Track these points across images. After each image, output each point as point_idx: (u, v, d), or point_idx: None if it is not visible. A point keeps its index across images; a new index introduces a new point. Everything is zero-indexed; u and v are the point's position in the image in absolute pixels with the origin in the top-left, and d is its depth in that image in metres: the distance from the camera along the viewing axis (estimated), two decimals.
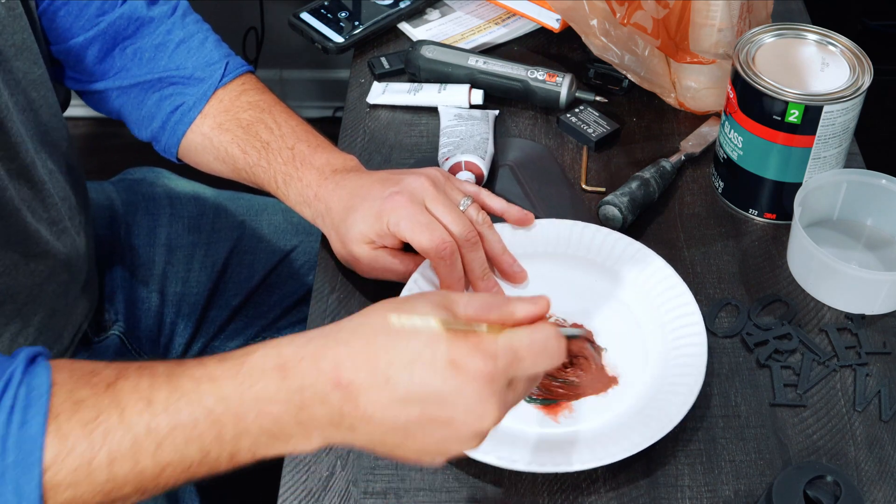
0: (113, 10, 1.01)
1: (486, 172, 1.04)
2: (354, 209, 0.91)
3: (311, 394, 0.65)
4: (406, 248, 0.92)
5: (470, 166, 1.03)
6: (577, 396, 0.86)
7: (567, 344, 0.71)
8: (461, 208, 0.91)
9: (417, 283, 0.91)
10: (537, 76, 1.12)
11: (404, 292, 0.90)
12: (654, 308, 0.91)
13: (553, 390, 0.86)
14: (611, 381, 0.87)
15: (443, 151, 1.06)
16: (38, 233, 0.94)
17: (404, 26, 1.24)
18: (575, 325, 0.90)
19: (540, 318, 0.69)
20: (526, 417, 0.84)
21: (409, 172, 0.93)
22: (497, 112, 1.13)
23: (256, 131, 1.00)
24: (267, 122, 1.00)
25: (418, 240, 0.88)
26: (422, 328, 0.63)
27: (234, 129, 1.01)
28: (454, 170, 1.03)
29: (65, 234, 0.99)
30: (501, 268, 0.93)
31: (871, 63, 0.98)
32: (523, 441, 0.82)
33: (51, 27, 1.01)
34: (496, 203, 0.95)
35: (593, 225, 0.97)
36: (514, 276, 0.93)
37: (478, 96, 1.13)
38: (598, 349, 0.89)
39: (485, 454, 0.79)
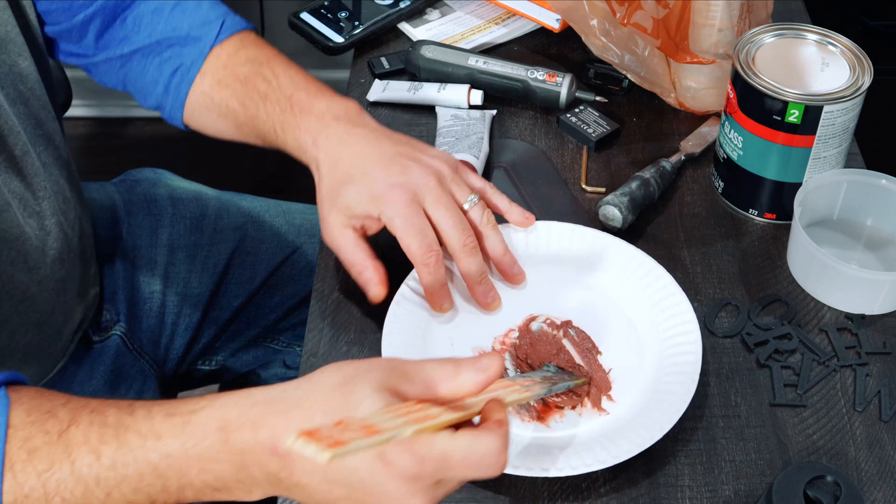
0: None
1: (480, 172, 1.04)
2: (352, 180, 0.89)
3: (250, 458, 0.67)
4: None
5: (465, 166, 1.03)
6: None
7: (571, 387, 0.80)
8: (466, 206, 0.90)
9: (404, 295, 0.91)
10: (537, 76, 1.12)
11: (393, 305, 0.89)
12: (648, 309, 0.91)
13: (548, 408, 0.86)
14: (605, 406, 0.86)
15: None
16: (28, 227, 0.94)
17: (404, 26, 1.24)
18: (577, 369, 0.88)
19: (489, 384, 0.68)
20: (519, 420, 0.85)
21: (418, 159, 0.90)
22: (494, 112, 1.13)
23: (254, 84, 0.99)
24: (265, 75, 0.99)
25: (407, 242, 0.87)
26: (308, 457, 0.59)
27: (233, 84, 1.00)
28: None
29: (58, 230, 0.98)
30: (502, 269, 0.93)
31: (871, 63, 0.98)
32: (517, 442, 0.82)
33: (49, 9, 1.00)
34: (501, 202, 0.94)
35: (588, 228, 0.96)
36: (513, 277, 0.93)
37: (477, 97, 1.13)
38: (602, 386, 0.87)
39: None
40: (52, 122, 1.00)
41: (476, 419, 0.69)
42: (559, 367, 0.87)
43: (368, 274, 0.89)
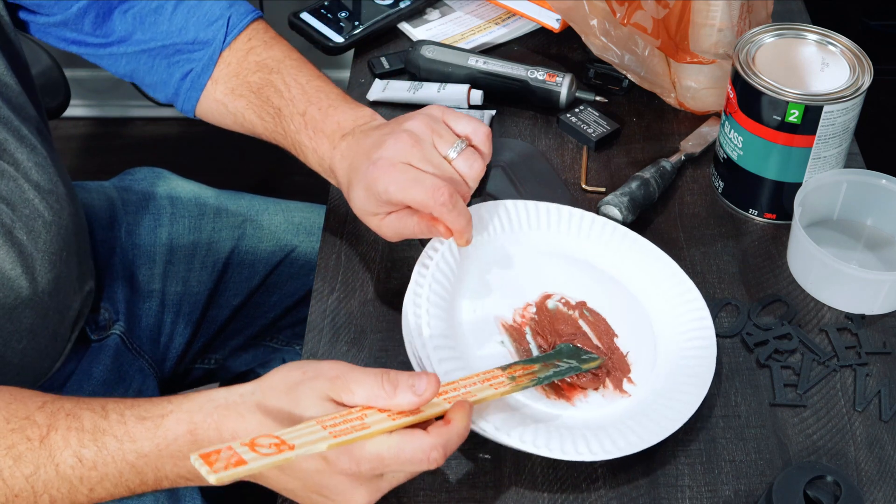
0: None
1: None
2: (351, 185, 0.90)
3: (218, 442, 0.73)
4: None
5: None
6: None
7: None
8: (453, 154, 0.88)
9: (429, 261, 0.88)
10: (537, 76, 1.12)
11: (414, 273, 0.87)
12: (659, 296, 0.93)
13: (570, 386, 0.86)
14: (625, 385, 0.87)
15: None
16: (11, 224, 0.92)
17: (404, 26, 1.24)
18: (597, 349, 0.89)
19: (422, 404, 0.72)
20: (535, 396, 0.84)
21: (395, 131, 0.88)
22: (494, 112, 1.13)
23: (267, 96, 0.98)
24: (276, 85, 0.98)
25: (412, 197, 0.85)
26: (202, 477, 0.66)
27: (247, 94, 1.00)
28: None
29: (47, 228, 0.96)
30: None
31: (871, 63, 0.98)
32: (530, 420, 0.82)
33: (41, 1, 1.00)
34: (486, 148, 0.91)
35: (598, 216, 0.97)
36: (458, 230, 0.88)
37: (477, 97, 1.13)
38: (622, 369, 0.88)
39: (493, 430, 0.79)
40: (33, 118, 0.99)
41: None
42: (576, 347, 0.87)
43: (435, 229, 0.87)
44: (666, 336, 0.90)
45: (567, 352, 0.87)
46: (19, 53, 1.01)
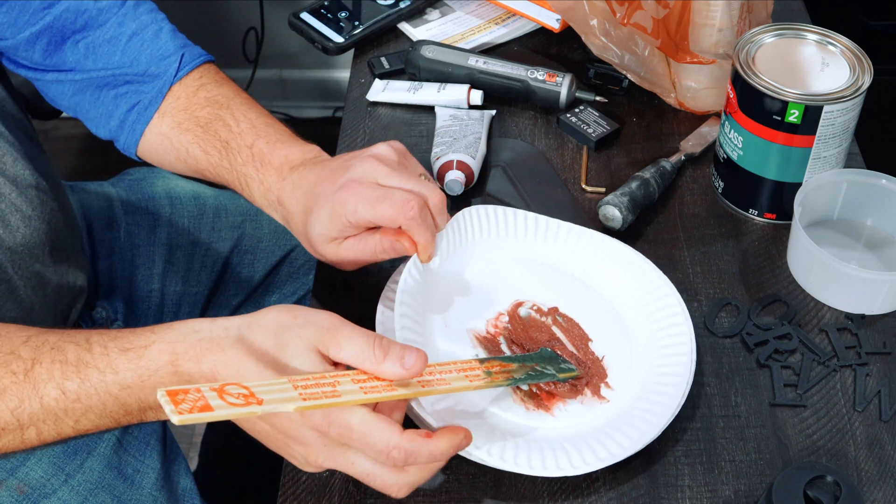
0: (58, 2, 0.98)
1: (476, 172, 1.04)
2: (311, 211, 0.88)
3: (198, 377, 0.73)
4: None
5: (461, 166, 1.03)
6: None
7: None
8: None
9: (396, 282, 0.87)
10: (537, 76, 1.12)
11: (382, 297, 0.88)
12: (630, 295, 0.92)
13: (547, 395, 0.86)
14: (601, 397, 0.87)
15: (435, 151, 1.06)
16: None
17: (404, 26, 1.24)
18: (573, 357, 0.88)
19: (408, 378, 0.72)
20: (514, 410, 0.84)
21: (358, 156, 0.88)
22: (493, 112, 1.13)
23: (215, 129, 0.97)
24: (225, 119, 0.97)
25: (381, 213, 0.84)
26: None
27: (194, 129, 0.98)
28: (445, 168, 1.03)
29: (25, 223, 0.95)
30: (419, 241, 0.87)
31: (871, 63, 0.98)
32: (509, 435, 0.82)
33: None
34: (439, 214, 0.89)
35: (578, 226, 0.96)
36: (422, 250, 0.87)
37: (477, 97, 1.13)
38: (598, 374, 0.88)
39: (473, 449, 0.79)
40: (11, 115, 0.98)
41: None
42: (555, 353, 0.87)
43: (399, 245, 0.86)
44: (640, 335, 0.90)
45: (546, 356, 0.86)
46: None
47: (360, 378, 0.71)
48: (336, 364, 0.73)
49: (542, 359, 0.86)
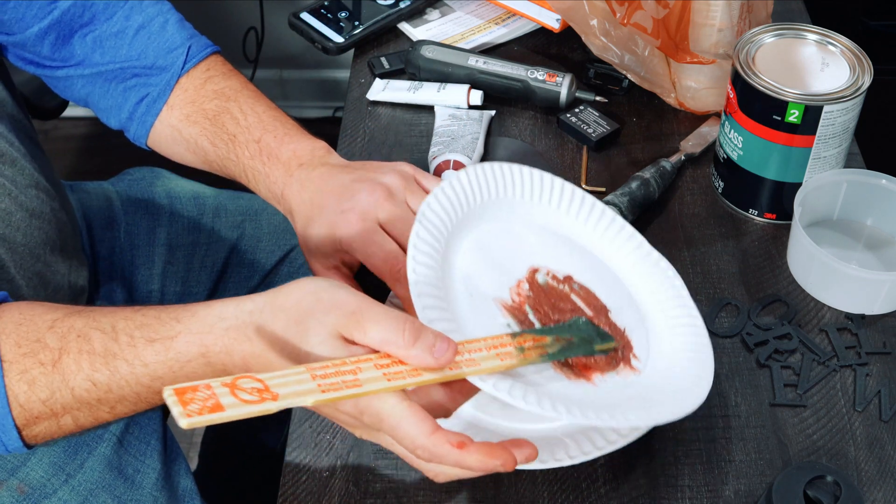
0: None
1: None
2: (313, 221, 0.89)
3: (231, 373, 0.71)
4: None
5: (458, 166, 1.03)
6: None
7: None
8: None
9: (417, 248, 0.80)
10: (537, 76, 1.12)
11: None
12: (648, 283, 0.88)
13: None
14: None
15: (433, 150, 1.06)
16: None
17: (404, 26, 1.24)
18: (611, 328, 0.83)
19: (436, 368, 0.68)
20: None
21: (369, 179, 0.89)
22: (493, 113, 1.13)
23: (223, 122, 0.98)
24: (233, 112, 0.98)
25: (371, 263, 0.86)
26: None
27: (202, 122, 0.99)
28: (441, 168, 1.03)
29: (26, 222, 0.95)
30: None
31: (871, 63, 0.98)
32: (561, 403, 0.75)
33: (1, 19, 0.98)
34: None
35: (585, 193, 0.91)
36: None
37: (476, 97, 1.13)
38: (624, 345, 0.83)
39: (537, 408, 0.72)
40: (10, 115, 0.98)
41: None
42: (592, 323, 0.81)
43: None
44: (652, 312, 0.86)
45: (583, 327, 0.80)
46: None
47: (383, 363, 0.68)
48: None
49: (578, 329, 0.80)
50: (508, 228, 0.87)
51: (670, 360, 0.83)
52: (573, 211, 0.90)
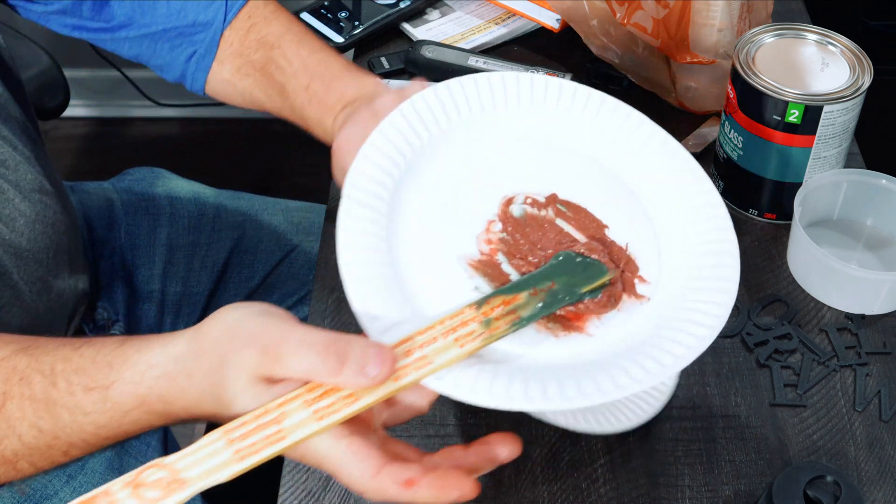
0: None
1: None
2: (349, 155, 0.79)
3: (174, 418, 0.68)
4: None
5: None
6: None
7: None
8: None
9: (351, 199, 0.67)
10: None
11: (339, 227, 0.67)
12: (656, 179, 0.75)
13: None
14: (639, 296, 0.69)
15: None
16: None
17: (404, 26, 1.24)
18: (610, 260, 0.69)
19: (375, 385, 0.60)
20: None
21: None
22: None
23: (271, 73, 0.97)
24: (278, 61, 0.97)
25: None
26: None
27: (253, 74, 0.99)
28: None
29: (30, 227, 0.95)
30: None
31: (871, 63, 0.98)
32: (550, 374, 0.63)
33: None
34: None
35: (576, 84, 0.78)
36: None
37: None
38: (628, 266, 0.70)
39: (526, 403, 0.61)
40: (14, 118, 0.98)
41: None
42: (578, 255, 0.68)
43: None
44: (667, 222, 0.72)
45: (565, 263, 0.67)
46: (0, 54, 1.01)
47: (314, 396, 0.60)
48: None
49: (561, 270, 0.67)
50: (470, 158, 0.73)
51: (686, 277, 0.69)
52: (550, 104, 0.75)
